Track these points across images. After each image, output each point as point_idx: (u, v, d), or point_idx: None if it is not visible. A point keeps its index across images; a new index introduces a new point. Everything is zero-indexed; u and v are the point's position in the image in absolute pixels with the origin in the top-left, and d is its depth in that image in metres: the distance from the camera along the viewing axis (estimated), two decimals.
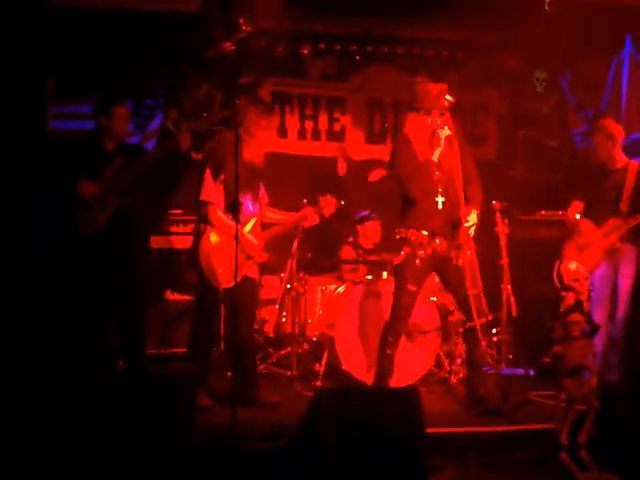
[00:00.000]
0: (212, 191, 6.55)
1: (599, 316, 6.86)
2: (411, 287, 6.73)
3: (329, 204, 7.03)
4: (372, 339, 7.36)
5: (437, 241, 6.67)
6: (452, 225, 6.70)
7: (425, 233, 6.65)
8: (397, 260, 6.74)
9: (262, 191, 6.94)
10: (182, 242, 8.00)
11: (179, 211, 8.25)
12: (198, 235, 6.65)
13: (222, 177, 6.55)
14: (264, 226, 6.91)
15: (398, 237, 6.75)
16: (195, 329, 6.73)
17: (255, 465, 5.28)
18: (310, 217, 7.04)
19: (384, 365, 6.82)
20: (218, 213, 6.57)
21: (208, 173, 6.58)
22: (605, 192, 7.22)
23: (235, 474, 5.11)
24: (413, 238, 6.67)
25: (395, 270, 6.85)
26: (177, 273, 8.08)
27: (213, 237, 6.57)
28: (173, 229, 8.19)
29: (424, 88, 6.65)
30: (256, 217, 6.73)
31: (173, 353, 7.70)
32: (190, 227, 7.88)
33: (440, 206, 6.67)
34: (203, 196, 6.58)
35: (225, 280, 6.51)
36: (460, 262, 6.71)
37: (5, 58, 5.92)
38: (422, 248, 6.67)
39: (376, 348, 7.08)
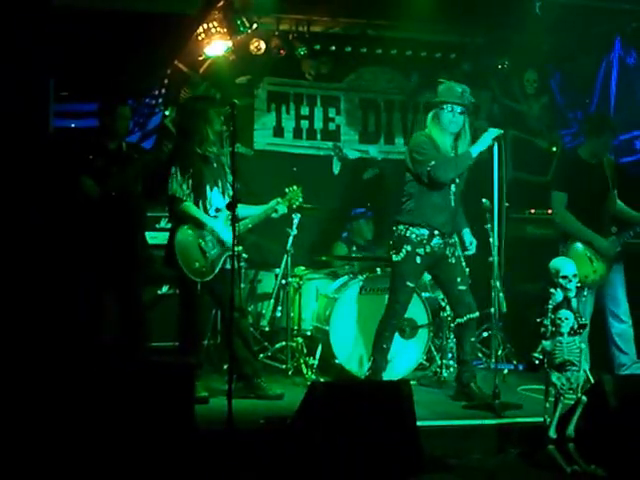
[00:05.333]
0: (180, 186, 6.62)
1: None
2: (410, 284, 6.88)
3: (296, 195, 7.13)
4: (365, 333, 7.51)
5: (435, 239, 6.82)
6: (453, 224, 6.90)
7: (425, 231, 6.80)
8: (397, 257, 6.86)
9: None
10: None
11: None
12: (172, 231, 6.71)
13: (190, 172, 6.64)
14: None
15: (397, 235, 6.87)
16: (181, 324, 6.81)
17: (250, 457, 5.34)
18: (279, 208, 7.06)
19: (379, 359, 6.94)
20: (188, 206, 6.64)
21: (176, 169, 6.64)
22: None
23: (231, 465, 5.15)
24: (414, 236, 6.81)
25: (394, 267, 6.94)
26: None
27: (187, 232, 6.64)
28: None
29: (449, 85, 6.84)
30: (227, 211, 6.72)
31: (169, 346, 7.75)
32: None
33: (452, 203, 6.86)
34: (172, 191, 6.63)
35: (202, 274, 6.63)
36: (453, 260, 6.90)
37: (8, 57, 6.01)
38: (422, 246, 6.82)
39: (368, 342, 7.21)
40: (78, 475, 4.73)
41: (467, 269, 7.13)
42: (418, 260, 6.80)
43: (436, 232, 6.80)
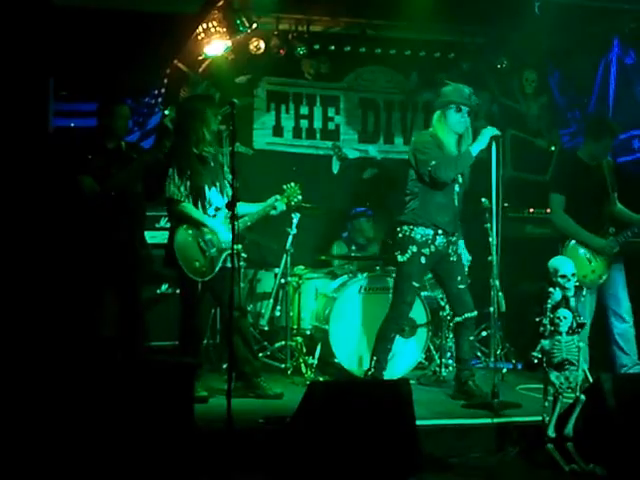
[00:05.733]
0: (178, 188, 6.64)
1: None
2: (415, 284, 6.92)
3: (294, 192, 7.14)
4: (364, 333, 7.53)
5: (439, 238, 6.85)
6: (456, 222, 6.92)
7: (430, 231, 6.82)
8: (402, 258, 6.88)
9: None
10: None
11: None
12: (172, 231, 6.73)
13: (187, 173, 6.65)
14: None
15: (401, 235, 6.88)
16: (182, 323, 6.81)
17: (249, 456, 5.35)
18: (278, 205, 7.05)
19: (382, 359, 6.97)
20: (186, 207, 6.65)
21: (173, 170, 6.66)
22: None
23: (230, 464, 5.15)
24: (419, 236, 6.82)
25: (399, 268, 6.96)
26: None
27: (186, 232, 6.66)
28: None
29: (456, 86, 6.89)
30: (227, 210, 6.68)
31: (169, 346, 7.76)
32: None
33: (456, 202, 6.89)
34: (170, 193, 6.66)
35: (203, 273, 6.65)
36: (454, 257, 6.93)
37: (8, 56, 6.02)
38: (427, 246, 6.83)
39: (368, 341, 7.25)
40: (77, 474, 4.74)
41: (466, 269, 7.16)
42: (423, 260, 6.83)
43: (440, 231, 6.83)
